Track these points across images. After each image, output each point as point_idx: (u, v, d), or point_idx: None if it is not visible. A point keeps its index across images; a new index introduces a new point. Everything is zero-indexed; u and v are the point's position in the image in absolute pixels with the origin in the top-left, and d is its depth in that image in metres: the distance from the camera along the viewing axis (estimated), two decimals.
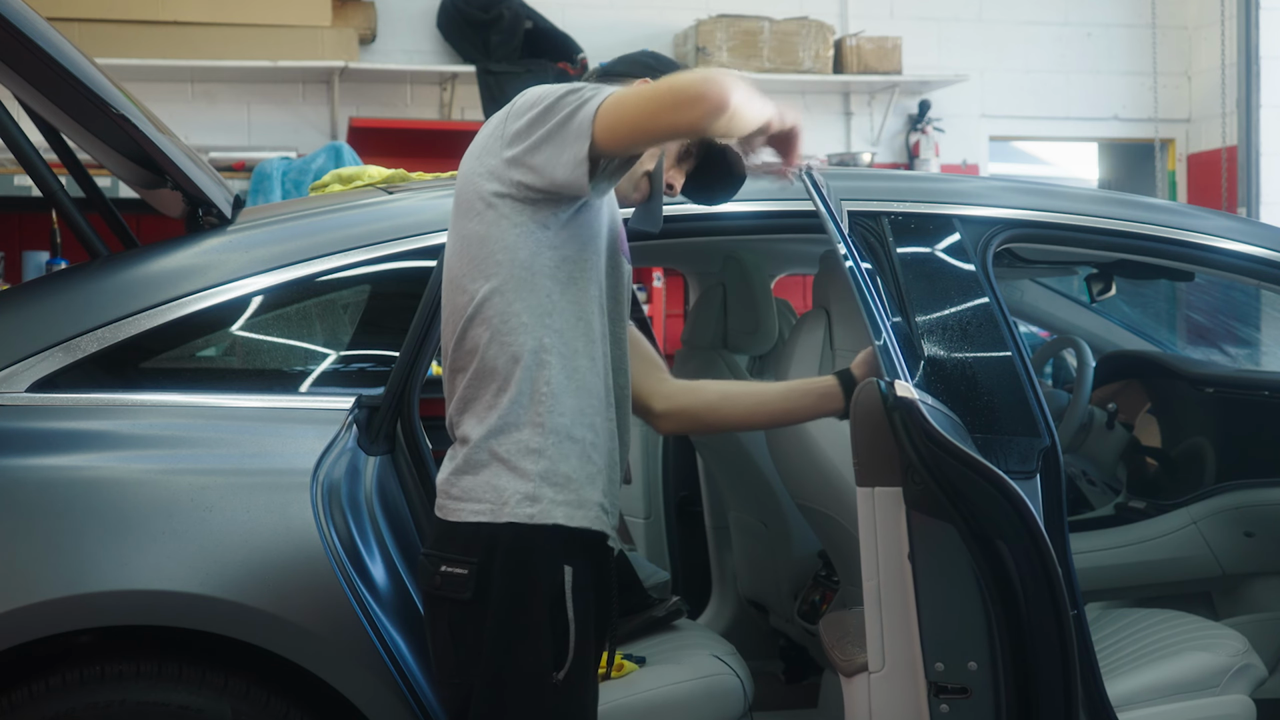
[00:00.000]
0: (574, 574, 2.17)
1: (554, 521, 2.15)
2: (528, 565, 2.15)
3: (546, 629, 2.15)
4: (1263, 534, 3.65)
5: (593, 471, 2.21)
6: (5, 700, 2.34)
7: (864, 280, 2.34)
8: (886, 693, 2.34)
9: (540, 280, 2.20)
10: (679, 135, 2.20)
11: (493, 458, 2.18)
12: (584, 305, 2.23)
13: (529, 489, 2.16)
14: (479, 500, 2.18)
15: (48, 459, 2.40)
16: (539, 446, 2.17)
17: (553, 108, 2.17)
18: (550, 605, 2.16)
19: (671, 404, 2.56)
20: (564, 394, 2.19)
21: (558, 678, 2.16)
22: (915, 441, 2.21)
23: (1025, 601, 2.24)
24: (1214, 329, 4.97)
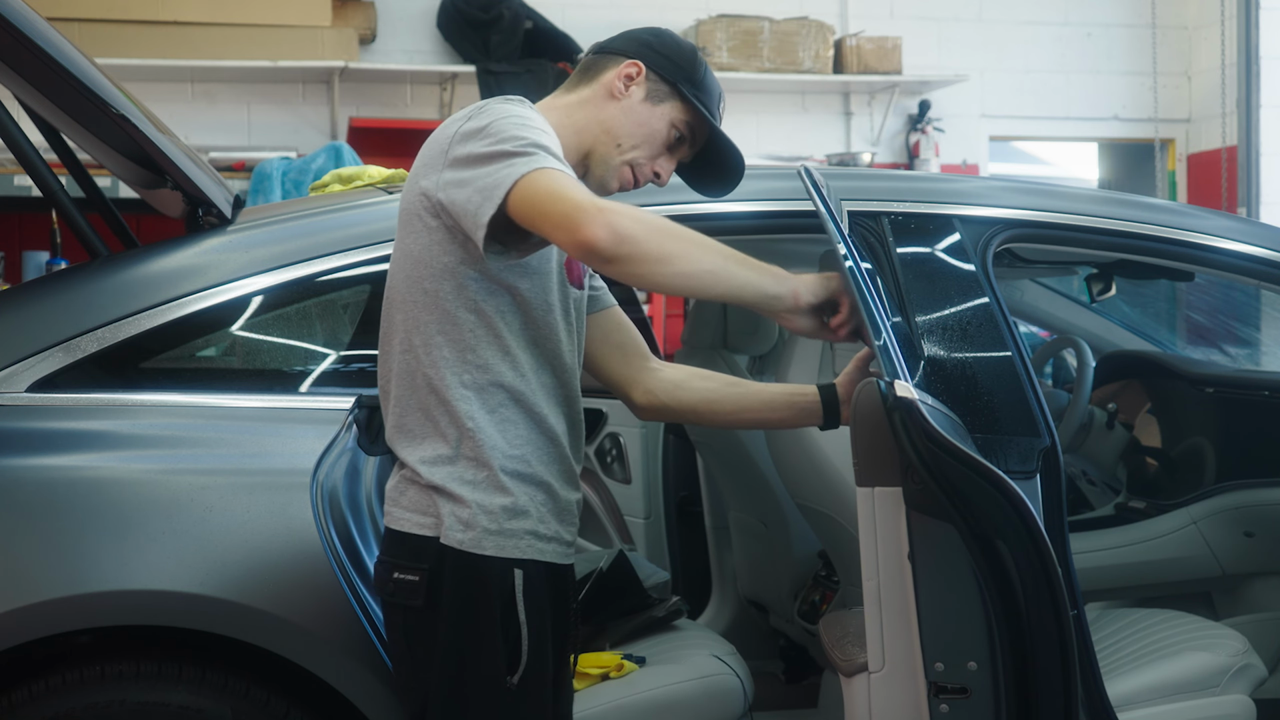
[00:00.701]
0: (525, 577, 2.17)
1: (482, 552, 2.14)
2: (478, 570, 2.15)
3: (499, 633, 2.14)
4: (1263, 534, 3.65)
5: (535, 501, 2.19)
6: (5, 700, 2.34)
7: (864, 280, 2.33)
8: (886, 693, 2.34)
9: (464, 315, 2.16)
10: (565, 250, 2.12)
11: (430, 482, 2.17)
12: (517, 334, 2.19)
13: (466, 515, 2.15)
14: (424, 514, 2.18)
15: (48, 459, 2.40)
16: (473, 479, 2.16)
17: (487, 156, 2.10)
18: (501, 609, 2.15)
19: (652, 398, 2.48)
20: (495, 427, 2.17)
21: (512, 681, 2.15)
22: (915, 441, 2.21)
23: (1025, 601, 2.24)
24: (1214, 329, 4.97)
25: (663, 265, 2.06)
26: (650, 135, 2.31)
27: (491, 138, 2.11)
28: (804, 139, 7.53)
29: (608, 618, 3.17)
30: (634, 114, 2.31)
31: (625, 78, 2.32)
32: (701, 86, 2.34)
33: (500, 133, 2.11)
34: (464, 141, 2.14)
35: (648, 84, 2.32)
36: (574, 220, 2.02)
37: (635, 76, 2.32)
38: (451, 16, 7.02)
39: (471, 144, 2.13)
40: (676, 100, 2.32)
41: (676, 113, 2.32)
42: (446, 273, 2.17)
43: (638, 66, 2.32)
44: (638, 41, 2.36)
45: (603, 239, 2.01)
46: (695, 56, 2.37)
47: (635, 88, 2.31)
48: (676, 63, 2.33)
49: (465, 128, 2.16)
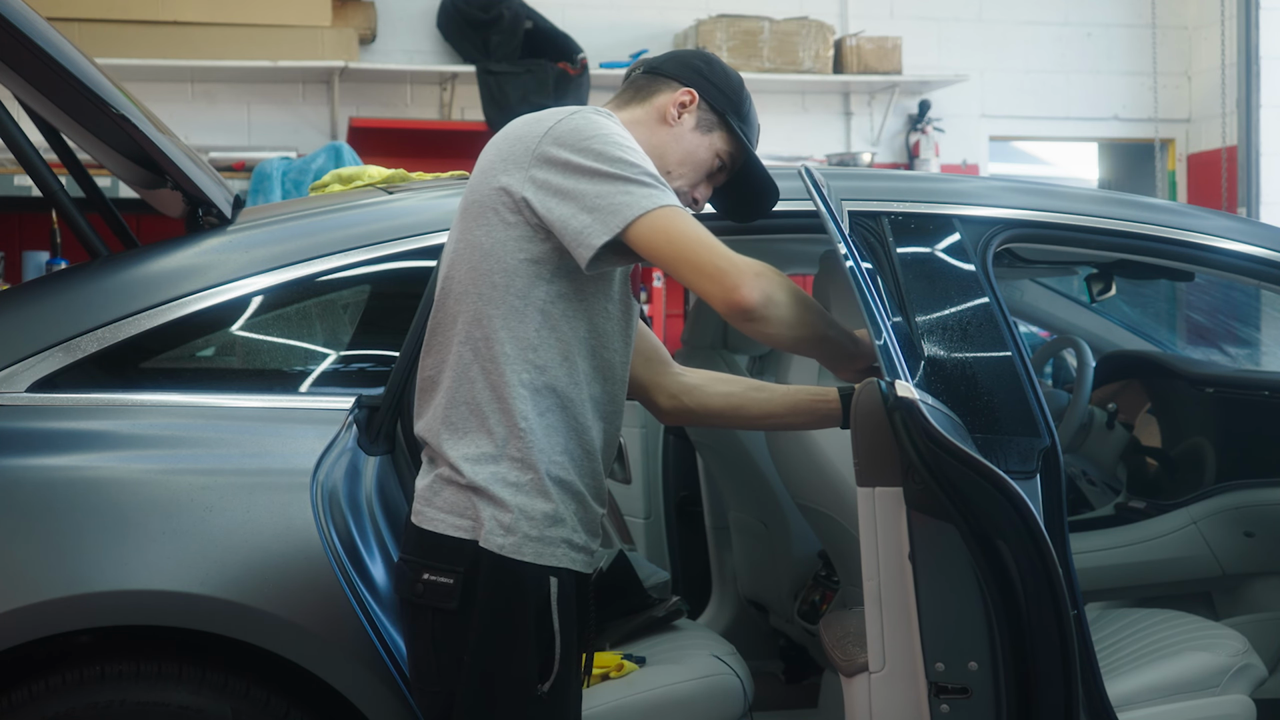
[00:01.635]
0: (559, 585, 2.17)
1: (522, 558, 2.14)
2: (517, 576, 2.14)
3: (532, 640, 2.14)
4: (1263, 534, 3.65)
5: (568, 510, 2.19)
6: (5, 700, 2.34)
7: (864, 280, 2.33)
8: (887, 693, 2.34)
9: (531, 313, 2.17)
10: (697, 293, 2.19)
11: (471, 483, 2.16)
12: (578, 341, 2.20)
13: (508, 520, 2.14)
14: (461, 516, 2.17)
15: (48, 459, 2.40)
16: (517, 481, 2.15)
17: (598, 173, 2.12)
18: (536, 616, 2.14)
19: (676, 403, 2.54)
20: (542, 431, 2.16)
21: (543, 689, 2.15)
22: (916, 441, 2.21)
23: (1026, 601, 2.24)
24: (1214, 329, 4.97)
25: (790, 329, 2.20)
26: (697, 163, 2.36)
27: (599, 155, 2.13)
28: (804, 139, 7.53)
29: (608, 618, 3.17)
30: (684, 141, 2.35)
31: (679, 105, 2.36)
32: (746, 119, 2.41)
33: (608, 152, 2.13)
34: (558, 146, 2.14)
35: (699, 113, 2.36)
36: (730, 280, 2.11)
37: (688, 104, 2.36)
38: (451, 16, 7.02)
39: (570, 153, 2.13)
40: (723, 131, 2.38)
41: (721, 143, 2.38)
42: (520, 270, 2.16)
43: (692, 95, 2.36)
44: (691, 69, 2.40)
45: (756, 303, 2.12)
46: (742, 89, 2.43)
47: (687, 115, 2.36)
48: (726, 94, 2.39)
49: (558, 130, 2.16)
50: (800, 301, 2.21)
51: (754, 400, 2.54)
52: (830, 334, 2.32)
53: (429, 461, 2.24)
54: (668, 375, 2.54)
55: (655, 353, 2.54)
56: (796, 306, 2.19)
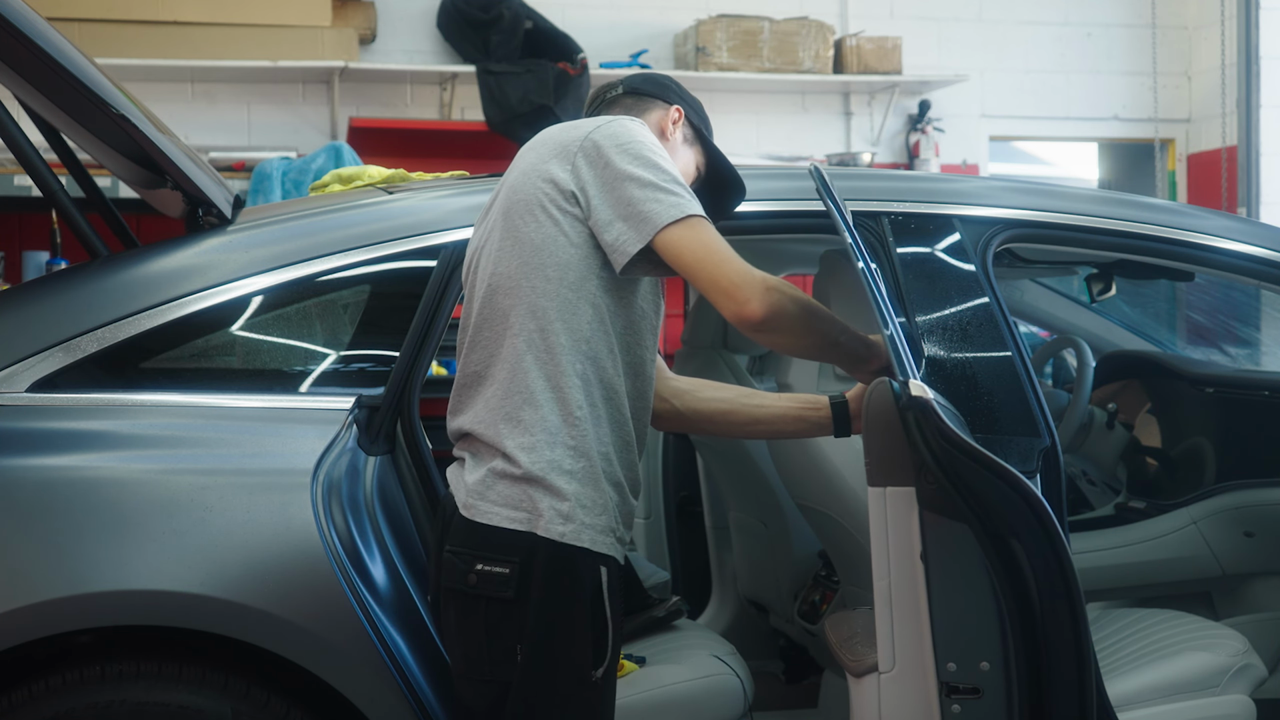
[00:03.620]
0: (608, 573, 2.23)
1: (581, 545, 2.20)
2: (574, 563, 2.20)
3: (589, 626, 2.20)
4: (1263, 534, 3.65)
5: (612, 500, 2.25)
6: (5, 700, 2.34)
7: (874, 281, 2.34)
8: (897, 693, 2.33)
9: (583, 305, 2.24)
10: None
11: (528, 472, 2.20)
12: (618, 336, 2.28)
13: (565, 508, 2.20)
14: (516, 509, 2.21)
15: (48, 459, 2.40)
16: (571, 469, 2.21)
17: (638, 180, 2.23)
18: (590, 603, 2.20)
19: (668, 407, 2.61)
20: (592, 420, 2.24)
21: (597, 675, 2.21)
22: (929, 441, 2.21)
23: (1040, 601, 2.24)
24: (1214, 329, 4.97)
25: (798, 338, 2.32)
26: (686, 175, 2.51)
27: (638, 159, 2.25)
28: (804, 139, 7.53)
29: None
30: (679, 155, 2.52)
31: (673, 122, 2.52)
32: (710, 130, 2.59)
33: (647, 157, 2.26)
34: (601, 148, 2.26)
35: (684, 129, 2.54)
36: (741, 293, 2.21)
37: (678, 121, 2.53)
38: (451, 16, 7.02)
39: (613, 154, 2.25)
40: (699, 145, 2.56)
41: (699, 156, 2.56)
42: (573, 262, 2.24)
43: (679, 112, 2.53)
44: (669, 89, 2.57)
45: (763, 316, 2.22)
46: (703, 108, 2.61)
47: (678, 131, 2.53)
48: (698, 111, 2.57)
49: (600, 134, 2.27)
50: (809, 313, 2.31)
51: (744, 407, 2.62)
52: (841, 340, 2.41)
53: (475, 456, 2.27)
54: (661, 381, 2.60)
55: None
56: (805, 318, 2.29)
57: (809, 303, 2.32)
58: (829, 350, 2.42)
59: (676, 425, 2.66)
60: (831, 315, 2.41)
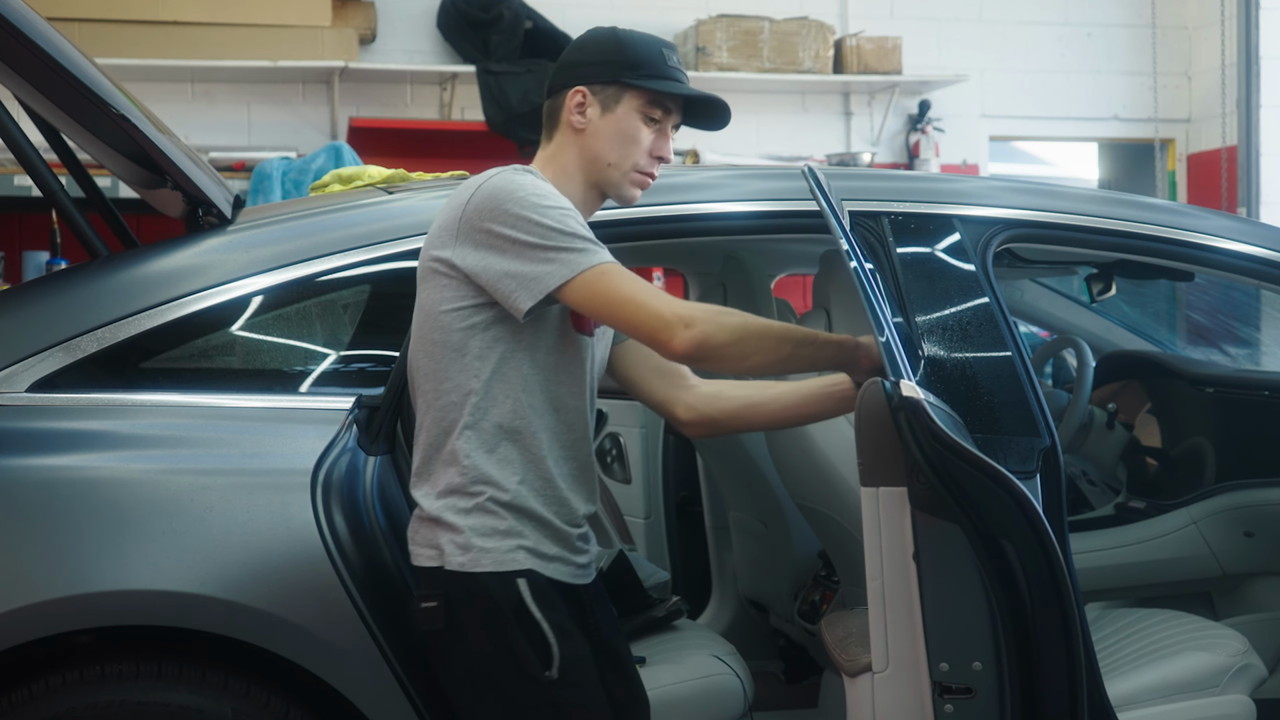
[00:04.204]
0: (530, 583, 2.26)
1: (483, 569, 2.25)
2: (482, 587, 2.26)
3: (520, 637, 2.24)
4: (1263, 534, 3.65)
5: (523, 528, 2.28)
6: (5, 700, 2.34)
7: (867, 280, 2.33)
8: (890, 693, 2.34)
9: (470, 362, 2.28)
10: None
11: (428, 513, 2.30)
12: (518, 384, 2.29)
13: (461, 540, 2.27)
14: (430, 546, 2.30)
15: (48, 459, 2.40)
16: (465, 507, 2.27)
17: (522, 244, 2.22)
18: (515, 617, 2.24)
19: (695, 413, 2.56)
20: (492, 467, 2.28)
21: (550, 674, 2.23)
22: (921, 441, 2.21)
23: (1031, 601, 2.24)
24: (1214, 329, 4.97)
25: (740, 362, 2.29)
26: (628, 138, 2.38)
27: (518, 222, 2.23)
28: (804, 139, 7.53)
29: None
30: (603, 132, 2.38)
31: (577, 107, 2.39)
32: (639, 64, 2.38)
33: (527, 217, 2.23)
34: (480, 215, 2.25)
35: (597, 99, 2.38)
36: (661, 335, 2.22)
37: (584, 100, 2.39)
38: (451, 16, 7.01)
39: (491, 222, 2.24)
40: (627, 93, 2.38)
41: (635, 101, 2.38)
42: (455, 320, 2.28)
43: (580, 91, 2.39)
44: (568, 67, 2.44)
45: (690, 352, 2.23)
46: (616, 41, 2.42)
47: (590, 109, 2.39)
48: (605, 61, 2.39)
49: (478, 199, 2.26)
50: (749, 333, 2.27)
51: (769, 396, 2.56)
52: (803, 350, 2.35)
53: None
54: (684, 388, 2.56)
55: (669, 367, 2.56)
56: (745, 339, 2.27)
57: (746, 323, 2.29)
58: (793, 361, 2.37)
59: (709, 430, 2.62)
60: (784, 327, 2.36)
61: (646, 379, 2.54)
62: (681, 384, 2.56)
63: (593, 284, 2.22)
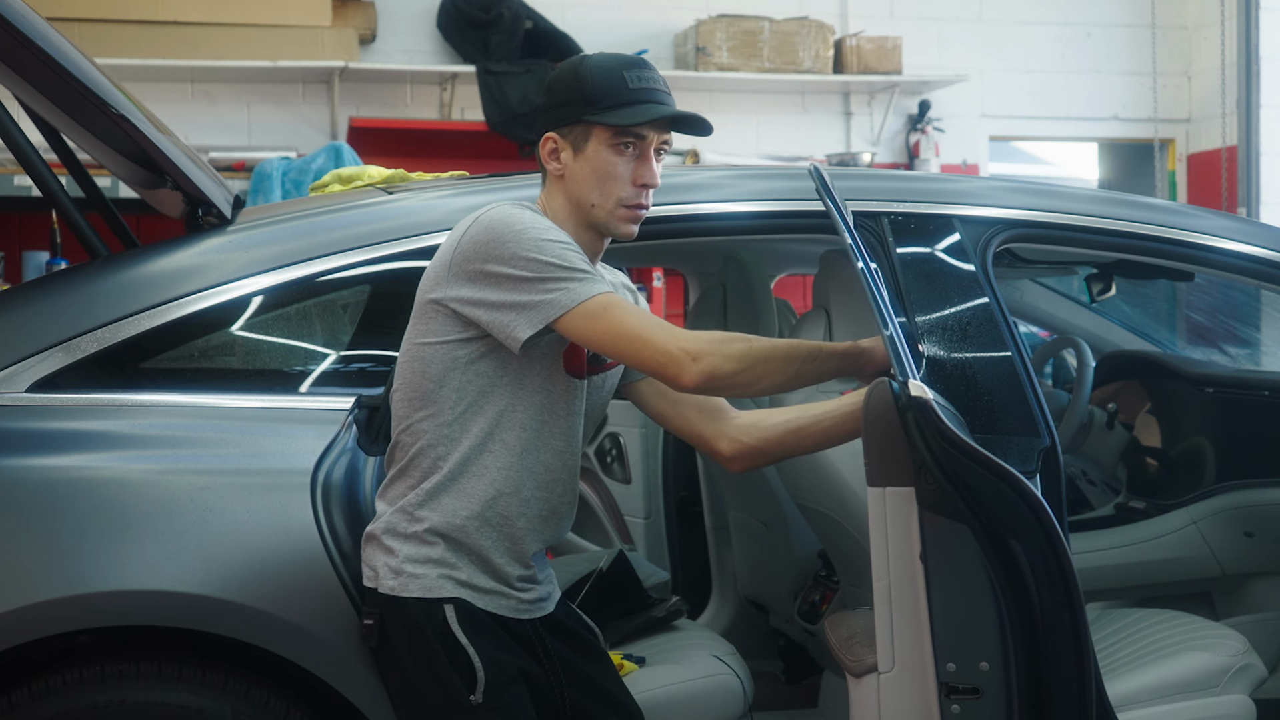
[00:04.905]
0: (457, 610, 2.28)
1: (410, 594, 2.28)
2: (409, 612, 2.29)
3: (444, 662, 2.26)
4: (1263, 534, 3.65)
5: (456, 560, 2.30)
6: (5, 700, 2.34)
7: (873, 280, 2.33)
8: (896, 693, 2.33)
9: (445, 393, 2.30)
10: None
11: (374, 531, 2.34)
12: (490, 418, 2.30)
13: (394, 563, 2.30)
14: (368, 566, 2.34)
15: (48, 459, 2.40)
16: (404, 532, 2.30)
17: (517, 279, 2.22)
18: (441, 642, 2.27)
19: (739, 445, 2.52)
20: (440, 495, 2.30)
21: (475, 699, 2.26)
22: (929, 441, 2.21)
23: (1039, 601, 2.24)
24: (1214, 329, 4.97)
25: (748, 387, 2.30)
26: (605, 174, 2.34)
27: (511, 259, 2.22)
28: (804, 139, 7.53)
29: (608, 618, 3.16)
30: (579, 175, 2.35)
31: (550, 155, 2.38)
32: (598, 97, 2.32)
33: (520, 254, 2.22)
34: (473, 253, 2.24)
35: (567, 141, 2.35)
36: (669, 370, 2.23)
37: (555, 147, 2.37)
38: (451, 16, 7.01)
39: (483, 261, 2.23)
40: (593, 130, 2.33)
41: (603, 136, 2.33)
42: (438, 353, 2.30)
43: (550, 137, 2.37)
44: (539, 111, 2.41)
45: (700, 385, 2.24)
46: (575, 76, 2.35)
47: (563, 154, 2.36)
48: (567, 102, 2.34)
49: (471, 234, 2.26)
50: (756, 356, 2.27)
51: (811, 418, 2.51)
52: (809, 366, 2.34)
53: None
54: (725, 421, 2.52)
55: (708, 402, 2.53)
56: (752, 363, 2.27)
57: (751, 349, 2.28)
58: (801, 377, 2.35)
59: (754, 461, 2.56)
60: (788, 345, 2.35)
61: (685, 415, 2.52)
62: (722, 417, 2.52)
63: (595, 316, 2.22)
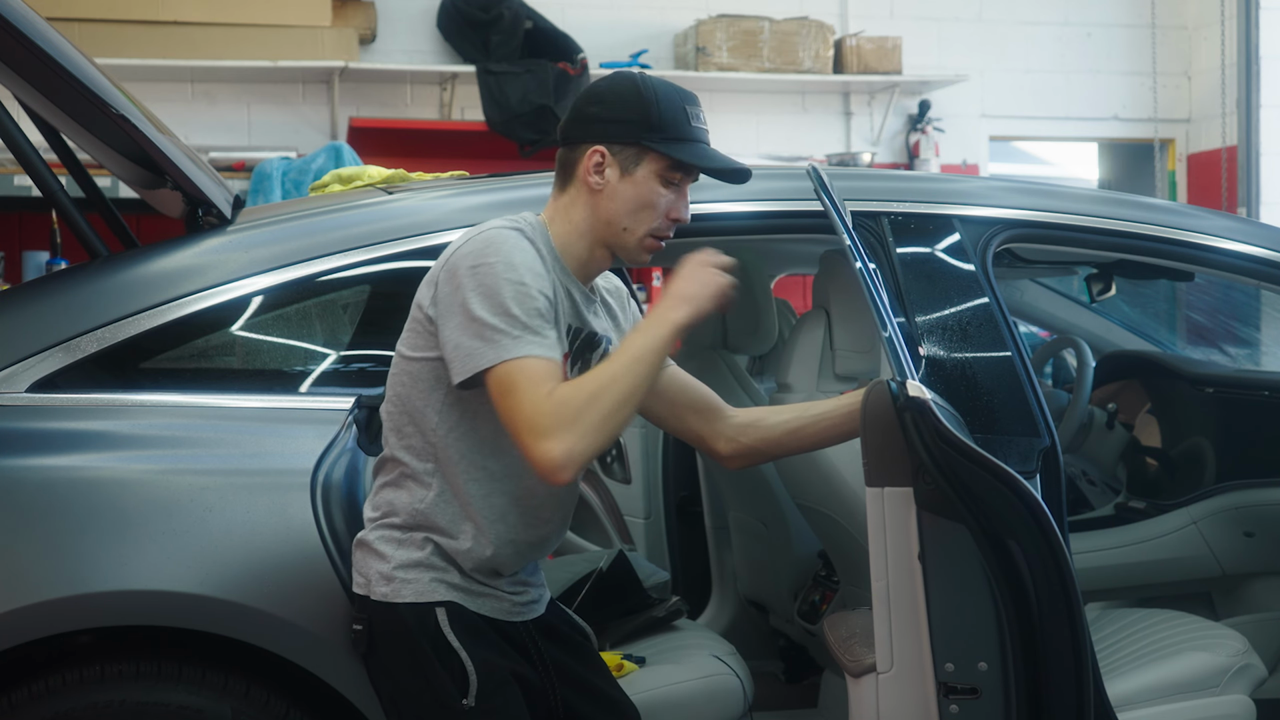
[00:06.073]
0: (449, 613, 2.27)
1: (402, 600, 2.27)
2: (401, 618, 2.27)
3: (436, 666, 2.25)
4: (1263, 534, 3.65)
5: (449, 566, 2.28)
6: (5, 700, 2.34)
7: (871, 281, 2.33)
8: (895, 693, 2.33)
9: (430, 413, 2.28)
10: None
11: (365, 538, 2.32)
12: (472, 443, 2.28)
13: (386, 570, 2.28)
14: (359, 573, 2.32)
15: (48, 459, 2.40)
16: (397, 539, 2.29)
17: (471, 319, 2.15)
18: (433, 646, 2.25)
19: (736, 445, 2.52)
20: (431, 513, 2.28)
21: (468, 703, 2.24)
22: (927, 442, 2.21)
23: (1037, 601, 2.24)
24: (1214, 329, 4.97)
25: (611, 424, 2.13)
26: (645, 203, 2.28)
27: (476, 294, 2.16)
28: (804, 139, 7.53)
29: (608, 618, 3.17)
30: (620, 196, 2.27)
31: (595, 167, 2.28)
32: (663, 125, 2.26)
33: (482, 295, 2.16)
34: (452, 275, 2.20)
35: (617, 160, 2.27)
36: (531, 455, 2.12)
37: (603, 160, 2.28)
38: (451, 16, 7.02)
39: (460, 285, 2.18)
40: (648, 155, 2.27)
41: (656, 165, 2.27)
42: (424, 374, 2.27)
43: (599, 150, 2.27)
44: (588, 120, 2.30)
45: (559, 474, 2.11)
46: (639, 97, 2.27)
47: (609, 170, 2.28)
48: (629, 120, 2.27)
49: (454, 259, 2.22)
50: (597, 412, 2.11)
51: (810, 418, 2.50)
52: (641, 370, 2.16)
53: None
54: (722, 421, 2.51)
55: (705, 402, 2.52)
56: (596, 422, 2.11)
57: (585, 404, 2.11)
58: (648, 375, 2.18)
59: (752, 460, 2.57)
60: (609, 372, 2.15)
61: (683, 416, 2.50)
62: (719, 417, 2.51)
63: (504, 377, 2.13)
